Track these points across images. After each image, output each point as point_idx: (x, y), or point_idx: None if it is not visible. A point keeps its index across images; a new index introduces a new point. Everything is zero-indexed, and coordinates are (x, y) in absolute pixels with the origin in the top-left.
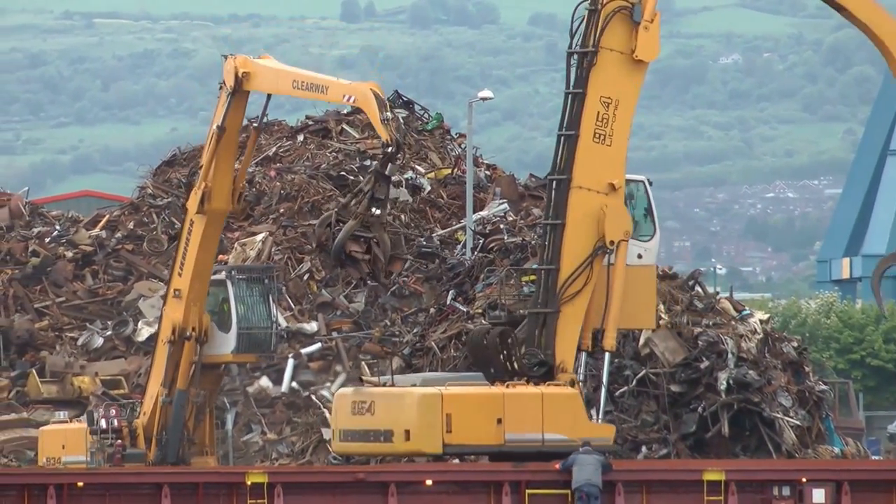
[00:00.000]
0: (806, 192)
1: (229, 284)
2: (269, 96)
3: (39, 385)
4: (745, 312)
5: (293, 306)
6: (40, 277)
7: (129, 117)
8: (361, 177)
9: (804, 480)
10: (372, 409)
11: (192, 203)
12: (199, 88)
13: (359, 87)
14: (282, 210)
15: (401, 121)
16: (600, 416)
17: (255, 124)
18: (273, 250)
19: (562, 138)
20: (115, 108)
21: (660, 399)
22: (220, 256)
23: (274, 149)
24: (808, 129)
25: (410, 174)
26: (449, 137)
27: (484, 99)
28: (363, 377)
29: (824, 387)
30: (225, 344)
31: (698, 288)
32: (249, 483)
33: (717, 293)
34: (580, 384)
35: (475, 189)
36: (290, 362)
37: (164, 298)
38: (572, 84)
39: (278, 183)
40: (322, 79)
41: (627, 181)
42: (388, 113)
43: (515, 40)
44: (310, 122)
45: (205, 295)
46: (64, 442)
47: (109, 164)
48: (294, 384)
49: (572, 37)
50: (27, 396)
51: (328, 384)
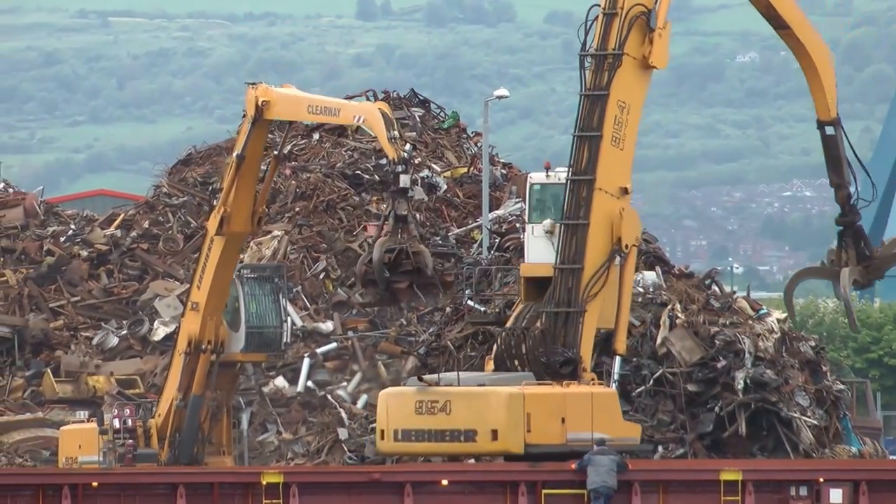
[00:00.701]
0: (823, 191)
1: (239, 283)
2: (290, 126)
3: (54, 385)
4: (763, 311)
5: (309, 306)
6: (55, 277)
7: (145, 116)
8: (377, 175)
9: (821, 480)
10: (447, 409)
11: (212, 224)
12: (215, 87)
13: (368, 108)
14: (297, 209)
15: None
16: None
17: (276, 152)
18: (288, 249)
19: (580, 139)
20: (131, 107)
21: (677, 398)
22: None
23: (289, 147)
24: None
25: (426, 173)
26: (465, 136)
27: (500, 97)
28: (422, 376)
29: (842, 386)
30: (235, 343)
31: (715, 287)
32: (265, 483)
33: (734, 292)
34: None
35: (491, 188)
36: (306, 362)
37: (183, 309)
38: (590, 86)
39: (294, 181)
40: (334, 102)
41: None
42: (395, 132)
43: (532, 38)
44: None
45: (222, 309)
46: (80, 442)
47: (124, 163)
48: (310, 384)
49: (585, 39)
50: (42, 396)
51: (344, 384)
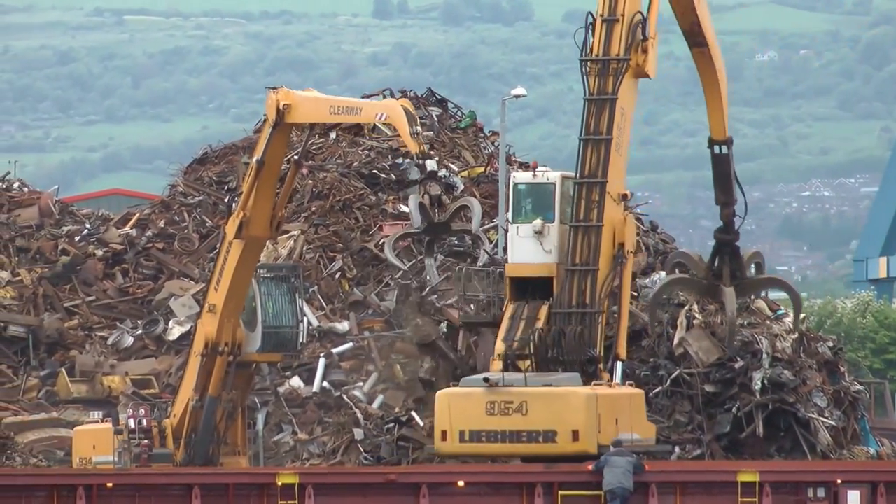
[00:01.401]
0: (842, 191)
1: (255, 283)
2: (310, 130)
3: (69, 385)
4: (780, 312)
5: (325, 305)
6: (70, 276)
7: (160, 115)
8: (393, 175)
9: (839, 482)
10: (524, 410)
11: (231, 228)
12: (231, 86)
13: (389, 105)
14: (313, 208)
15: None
16: None
17: (296, 156)
18: (304, 248)
19: (585, 143)
20: (146, 106)
21: (694, 399)
22: None
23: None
24: (844, 127)
25: (444, 172)
26: (482, 135)
27: (517, 96)
28: (488, 376)
29: (860, 387)
30: (251, 342)
31: None
32: (280, 484)
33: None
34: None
35: (508, 187)
36: (322, 362)
37: (199, 310)
38: (594, 90)
39: (310, 181)
40: (355, 102)
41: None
42: (417, 127)
43: (549, 37)
44: None
45: (240, 311)
46: (94, 442)
47: (140, 162)
48: (325, 384)
49: (585, 43)
50: (57, 396)
51: (360, 384)
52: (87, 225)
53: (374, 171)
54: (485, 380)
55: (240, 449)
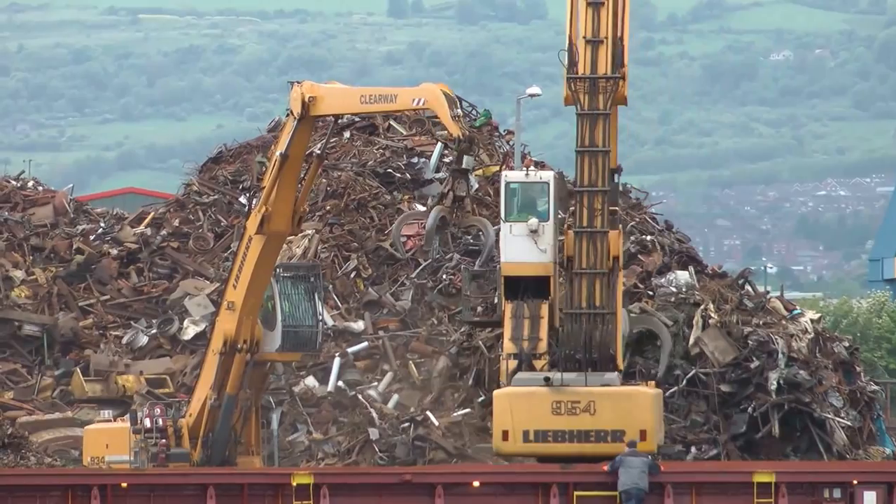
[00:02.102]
0: (858, 190)
1: (274, 282)
2: (334, 124)
3: (83, 384)
4: (796, 312)
5: (340, 305)
6: (85, 275)
7: (175, 114)
8: (408, 174)
9: (855, 483)
10: (592, 409)
11: (252, 223)
12: (246, 84)
13: (427, 89)
14: (328, 207)
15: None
16: None
17: (318, 151)
18: (319, 248)
19: (581, 154)
20: (161, 105)
21: (710, 399)
22: None
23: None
24: (860, 127)
25: None
26: (497, 134)
27: (532, 95)
28: (549, 375)
29: (875, 387)
30: (270, 342)
31: (748, 287)
32: (295, 484)
33: (768, 292)
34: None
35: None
36: (337, 361)
37: (217, 308)
38: (588, 106)
39: (324, 180)
40: (388, 89)
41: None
42: (458, 110)
43: (564, 36)
44: (356, 119)
45: (258, 308)
46: (108, 441)
47: (154, 161)
48: (340, 383)
49: (570, 61)
50: (71, 395)
51: (374, 383)
52: (102, 224)
53: (389, 171)
54: (545, 379)
55: (253, 448)
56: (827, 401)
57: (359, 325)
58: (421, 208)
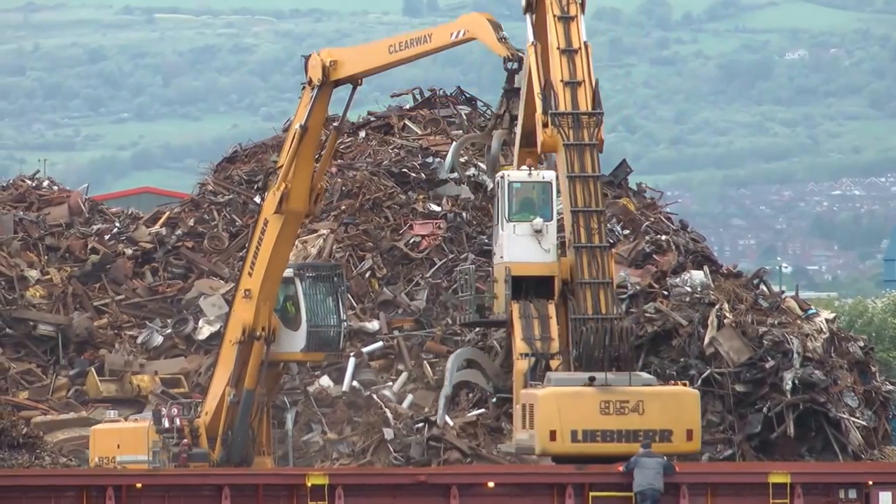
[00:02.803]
0: (873, 190)
1: (298, 282)
2: (353, 93)
3: (98, 384)
4: (811, 311)
5: (355, 305)
6: (99, 275)
7: (190, 113)
8: (423, 174)
9: (871, 483)
10: (640, 409)
11: (270, 203)
12: (261, 84)
13: (468, 19)
14: (343, 207)
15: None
16: None
17: (336, 124)
18: (334, 248)
19: (571, 180)
20: (176, 104)
21: (725, 399)
22: None
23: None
24: (876, 126)
25: (473, 171)
26: (511, 134)
27: None
28: (593, 375)
29: (891, 387)
30: (293, 342)
31: (763, 286)
32: (310, 485)
33: (783, 292)
34: None
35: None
36: (352, 361)
37: (232, 299)
38: (573, 138)
39: (339, 179)
40: (420, 31)
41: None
42: (503, 32)
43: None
44: (371, 119)
45: (275, 295)
46: (119, 441)
47: (170, 161)
48: (355, 383)
49: (551, 99)
50: (86, 395)
51: (389, 383)
52: (117, 223)
53: (404, 170)
54: (590, 379)
55: (265, 448)
56: (842, 401)
57: (374, 325)
58: (436, 208)
